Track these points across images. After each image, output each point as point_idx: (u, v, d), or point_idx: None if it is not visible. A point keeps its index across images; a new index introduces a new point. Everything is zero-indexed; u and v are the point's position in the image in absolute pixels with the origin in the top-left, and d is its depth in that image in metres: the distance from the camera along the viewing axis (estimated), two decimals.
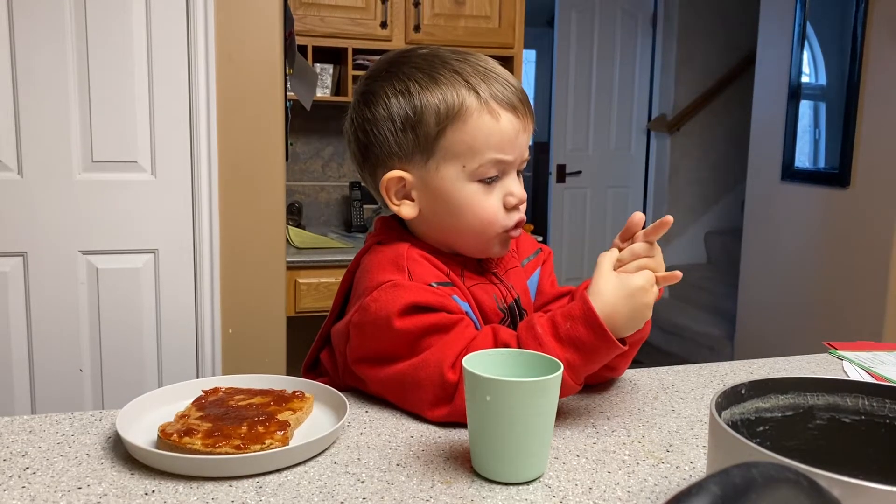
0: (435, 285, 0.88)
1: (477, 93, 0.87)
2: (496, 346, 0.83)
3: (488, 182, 0.89)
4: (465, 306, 0.89)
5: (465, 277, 0.93)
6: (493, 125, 0.87)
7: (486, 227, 0.91)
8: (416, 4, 2.91)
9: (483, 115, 0.87)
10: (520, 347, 0.81)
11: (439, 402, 0.82)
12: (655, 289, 0.82)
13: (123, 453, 0.74)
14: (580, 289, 0.96)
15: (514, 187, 0.91)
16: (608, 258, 0.84)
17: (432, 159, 0.89)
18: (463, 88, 0.87)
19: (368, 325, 0.85)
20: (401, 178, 0.91)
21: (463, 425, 0.81)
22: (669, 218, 0.83)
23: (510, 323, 0.95)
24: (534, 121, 0.93)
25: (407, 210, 0.92)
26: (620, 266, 0.84)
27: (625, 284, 0.81)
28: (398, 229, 0.96)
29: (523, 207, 0.93)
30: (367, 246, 0.97)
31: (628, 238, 0.86)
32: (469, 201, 0.89)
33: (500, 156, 0.88)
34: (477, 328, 0.89)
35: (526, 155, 0.92)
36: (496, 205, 0.90)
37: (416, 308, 0.83)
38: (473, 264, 0.96)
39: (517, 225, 0.93)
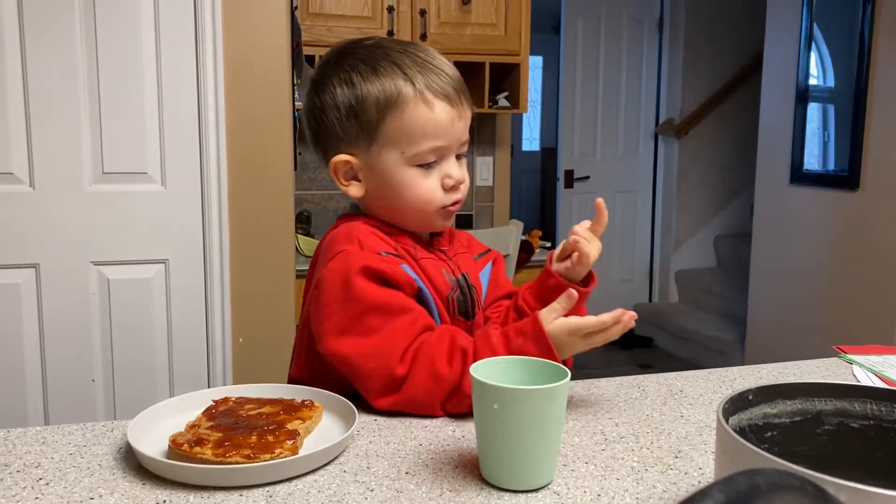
0: (384, 254, 0.93)
1: (413, 83, 0.93)
2: (452, 352, 0.87)
3: (427, 166, 0.96)
4: (414, 276, 0.94)
5: (417, 251, 0.99)
6: (428, 114, 0.93)
7: (425, 206, 0.97)
8: (423, 13, 2.92)
9: (418, 105, 0.93)
10: (475, 356, 0.86)
11: (386, 392, 0.87)
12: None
13: (135, 464, 0.75)
14: (522, 291, 1.05)
15: (453, 170, 0.97)
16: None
17: (375, 144, 0.95)
18: (400, 79, 0.93)
19: (325, 293, 0.91)
20: (347, 162, 0.97)
21: (471, 432, 0.82)
22: (599, 201, 1.01)
23: (460, 293, 1.00)
24: (471, 107, 0.99)
25: (354, 190, 0.99)
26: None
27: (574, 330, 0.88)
28: (351, 215, 1.03)
29: (463, 188, 0.99)
30: (323, 237, 1.02)
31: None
32: (408, 183, 0.96)
33: (436, 143, 0.94)
34: (430, 305, 0.95)
35: (464, 139, 0.98)
36: (434, 186, 0.96)
37: (369, 272, 0.89)
38: (424, 242, 1.02)
39: (456, 203, 0.99)
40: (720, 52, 4.84)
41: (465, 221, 3.52)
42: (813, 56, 3.37)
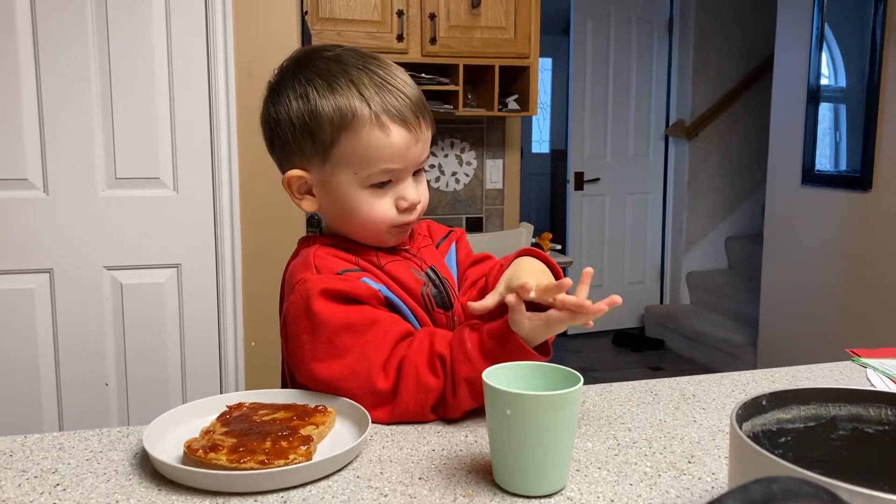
0: (342, 273, 0.92)
1: (369, 106, 0.90)
2: (432, 359, 0.87)
3: (381, 186, 0.94)
4: (379, 287, 0.93)
5: (380, 258, 0.98)
6: (383, 139, 0.91)
7: (377, 225, 0.96)
8: (432, 17, 2.93)
9: (373, 129, 0.90)
10: (452, 364, 0.86)
11: (374, 406, 0.87)
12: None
13: (151, 469, 0.75)
14: (496, 267, 1.03)
15: (408, 192, 0.95)
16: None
17: (329, 163, 0.93)
18: (356, 100, 0.90)
19: (292, 325, 0.90)
20: (301, 177, 0.96)
21: (483, 437, 0.82)
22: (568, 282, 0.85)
23: (433, 287, 1.00)
24: (430, 128, 0.96)
25: (308, 205, 0.98)
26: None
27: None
28: (309, 239, 1.02)
29: (420, 207, 0.97)
30: (286, 266, 1.01)
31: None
32: (361, 204, 0.94)
33: (390, 166, 0.92)
34: (402, 310, 0.94)
35: (421, 159, 0.96)
36: (388, 207, 0.95)
37: (329, 294, 0.88)
38: (386, 247, 1.01)
39: (409, 223, 0.98)
40: (730, 53, 4.83)
41: (474, 224, 3.52)
42: (824, 56, 3.36)
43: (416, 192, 0.96)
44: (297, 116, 0.93)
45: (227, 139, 1.99)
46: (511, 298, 0.85)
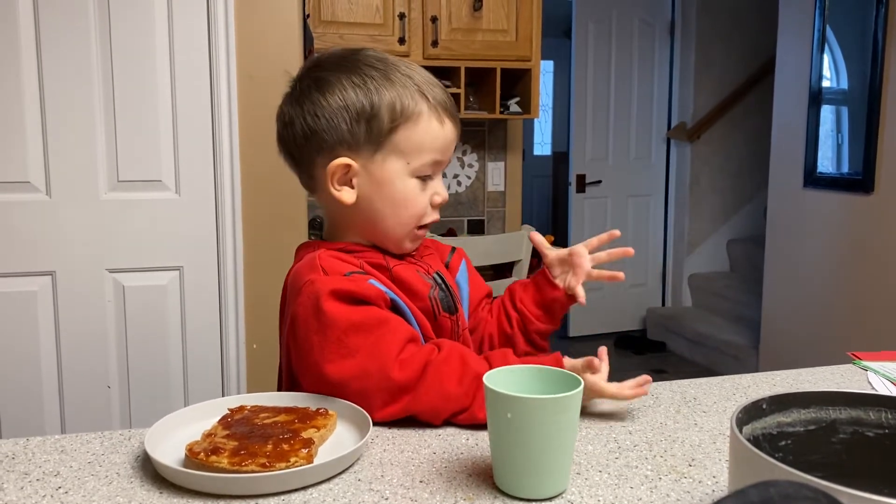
0: (349, 274, 0.93)
1: (428, 99, 0.96)
2: (464, 373, 0.88)
3: (423, 179, 0.98)
4: (385, 289, 0.94)
5: (388, 260, 1.00)
6: (440, 130, 0.97)
7: (411, 220, 0.99)
8: (434, 20, 2.94)
9: (432, 120, 0.96)
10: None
11: (392, 401, 0.87)
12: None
13: (152, 472, 0.75)
14: (518, 293, 1.11)
15: (441, 188, 1.01)
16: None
17: (380, 152, 0.95)
18: (416, 93, 0.95)
19: (301, 327, 0.90)
20: (347, 166, 0.96)
21: (484, 440, 0.82)
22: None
23: (440, 290, 1.01)
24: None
25: (347, 195, 0.97)
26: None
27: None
28: (310, 245, 1.03)
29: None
30: (289, 272, 1.01)
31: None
32: (407, 194, 0.97)
33: (440, 157, 0.98)
34: (406, 315, 0.95)
35: (449, 161, 1.02)
36: (426, 201, 0.99)
37: (338, 295, 0.89)
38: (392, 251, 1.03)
39: (428, 226, 1.02)
40: (732, 55, 4.83)
41: (476, 226, 3.52)
42: (826, 58, 3.36)
43: (445, 190, 1.01)
44: (353, 105, 0.94)
45: (228, 142, 1.99)
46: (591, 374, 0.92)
